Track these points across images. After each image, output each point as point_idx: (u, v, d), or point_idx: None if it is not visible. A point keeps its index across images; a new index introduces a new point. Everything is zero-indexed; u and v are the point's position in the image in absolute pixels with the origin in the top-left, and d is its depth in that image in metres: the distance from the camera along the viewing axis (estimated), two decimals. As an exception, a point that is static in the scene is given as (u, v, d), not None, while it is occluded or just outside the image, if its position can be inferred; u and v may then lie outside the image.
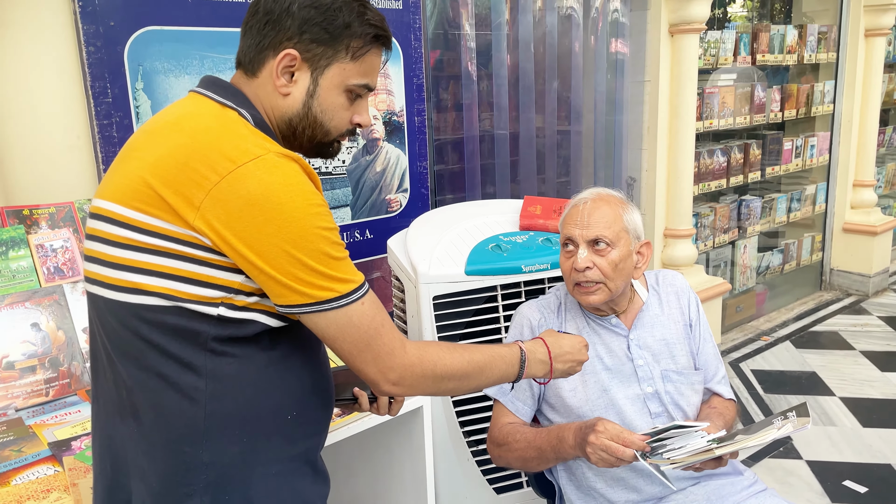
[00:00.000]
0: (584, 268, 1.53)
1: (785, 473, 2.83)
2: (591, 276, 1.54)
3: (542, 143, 3.19)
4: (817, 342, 4.13)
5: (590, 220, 1.55)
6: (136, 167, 0.98)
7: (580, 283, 1.56)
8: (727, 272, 4.27)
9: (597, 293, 1.55)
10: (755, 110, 4.06)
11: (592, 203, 1.58)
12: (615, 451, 1.37)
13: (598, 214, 1.56)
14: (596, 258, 1.54)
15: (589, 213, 1.56)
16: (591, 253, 1.54)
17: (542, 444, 1.52)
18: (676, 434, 1.40)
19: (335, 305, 0.98)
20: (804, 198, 4.65)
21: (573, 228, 1.57)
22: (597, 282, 1.54)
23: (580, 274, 1.54)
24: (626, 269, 1.57)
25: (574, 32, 3.16)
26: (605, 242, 1.54)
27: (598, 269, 1.53)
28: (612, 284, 1.55)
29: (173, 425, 0.99)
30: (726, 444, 1.37)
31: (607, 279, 1.54)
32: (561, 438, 1.48)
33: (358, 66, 1.09)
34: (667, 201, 3.61)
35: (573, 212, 1.60)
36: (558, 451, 1.50)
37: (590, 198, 1.60)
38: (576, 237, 1.56)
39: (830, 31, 4.51)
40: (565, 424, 1.52)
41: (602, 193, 1.62)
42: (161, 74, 1.91)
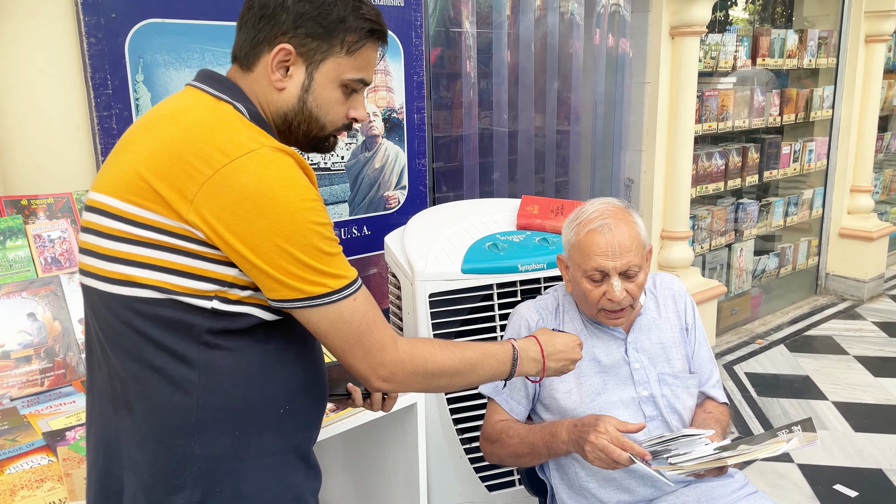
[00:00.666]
0: (621, 298, 1.53)
1: (776, 476, 2.84)
2: (624, 303, 1.54)
3: (542, 143, 3.19)
4: (811, 346, 4.14)
5: (619, 249, 1.51)
6: (131, 160, 0.99)
7: (610, 310, 1.56)
8: (723, 275, 4.28)
9: (625, 315, 1.57)
10: (754, 114, 4.07)
11: (615, 227, 1.53)
12: (611, 452, 1.37)
13: (625, 242, 1.52)
14: (628, 285, 1.54)
15: (618, 242, 1.51)
16: (623, 282, 1.53)
17: (534, 439, 1.53)
18: (680, 440, 1.41)
19: (326, 301, 0.98)
20: (801, 202, 4.66)
21: (604, 261, 1.51)
22: (626, 306, 1.55)
23: (614, 303, 1.53)
24: (644, 283, 1.59)
25: (575, 33, 3.16)
26: (636, 269, 1.54)
27: (629, 295, 1.54)
28: (636, 303, 1.58)
29: (166, 417, 1.00)
30: (736, 455, 1.37)
31: (634, 300, 1.56)
32: (554, 434, 1.49)
33: (353, 61, 1.09)
34: (664, 203, 3.62)
35: (599, 240, 1.52)
36: (550, 447, 1.51)
37: (610, 222, 1.53)
38: (608, 269, 1.52)
39: (831, 37, 4.51)
40: (559, 420, 1.53)
41: (616, 211, 1.56)
42: (161, 67, 1.91)
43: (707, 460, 1.37)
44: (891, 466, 2.88)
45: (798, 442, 1.36)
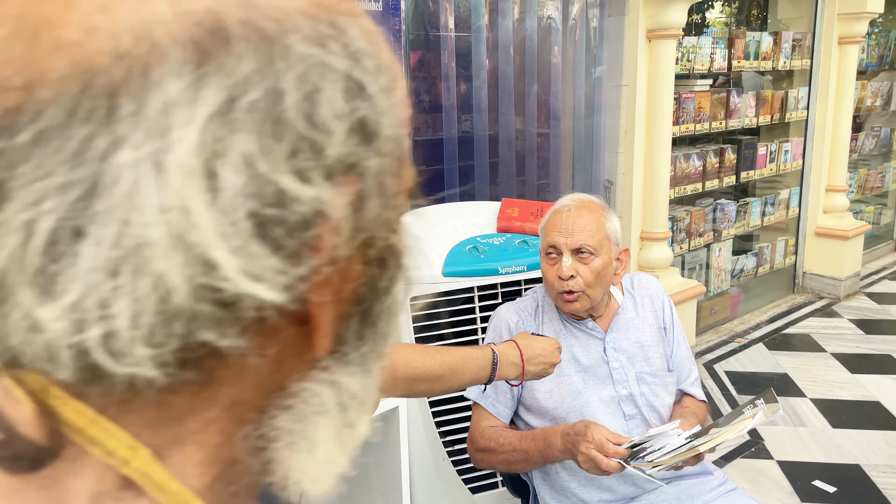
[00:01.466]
0: (569, 276, 1.55)
1: (756, 473, 2.87)
2: (573, 285, 1.55)
3: (522, 146, 3.21)
4: (789, 344, 4.20)
5: (574, 227, 1.56)
6: None
7: (563, 291, 1.57)
8: (702, 275, 4.32)
9: (578, 301, 1.57)
10: (730, 115, 4.12)
11: (576, 210, 1.59)
12: (599, 462, 1.38)
13: (581, 222, 1.57)
14: (579, 266, 1.55)
15: (573, 221, 1.57)
16: (574, 261, 1.55)
17: (528, 447, 1.53)
18: (653, 436, 1.42)
19: None
20: (778, 202, 4.73)
21: (557, 236, 1.57)
22: (578, 291, 1.56)
23: (564, 282, 1.55)
24: (606, 276, 1.59)
25: (553, 37, 3.19)
26: (589, 251, 1.55)
27: (581, 278, 1.55)
28: (592, 292, 1.57)
29: None
30: (706, 440, 1.39)
31: (588, 287, 1.56)
32: (549, 443, 1.49)
33: None
34: (643, 204, 3.65)
35: (556, 219, 1.60)
36: (546, 455, 1.51)
37: (573, 205, 1.60)
38: (560, 245, 1.57)
39: (805, 39, 4.58)
40: (552, 428, 1.52)
41: (584, 200, 1.63)
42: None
43: (682, 451, 1.40)
44: (868, 462, 2.92)
45: (763, 415, 1.39)
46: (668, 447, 1.40)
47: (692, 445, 1.39)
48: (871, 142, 5.70)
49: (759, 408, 1.41)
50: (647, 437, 1.42)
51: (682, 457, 1.40)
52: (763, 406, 1.41)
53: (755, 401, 1.43)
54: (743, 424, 1.40)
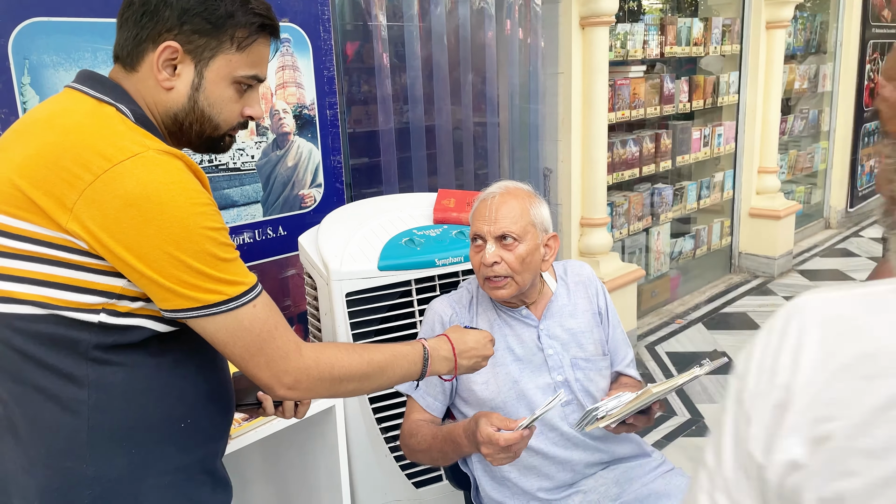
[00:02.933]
0: (492, 262, 1.54)
1: (697, 451, 2.94)
2: (498, 270, 1.55)
3: (460, 136, 3.20)
4: (727, 323, 4.31)
5: (497, 215, 1.56)
6: (3, 168, 0.93)
7: (489, 277, 1.57)
8: (642, 258, 4.40)
9: (505, 287, 1.57)
10: (665, 101, 4.19)
11: (500, 198, 1.59)
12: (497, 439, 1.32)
13: (505, 209, 1.57)
14: (503, 253, 1.55)
15: (497, 209, 1.57)
16: (498, 248, 1.56)
17: (441, 447, 1.52)
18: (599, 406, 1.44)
19: (224, 309, 0.95)
20: (713, 185, 4.84)
21: (481, 224, 1.58)
22: (505, 276, 1.56)
23: (488, 269, 1.56)
24: (533, 262, 1.58)
25: (487, 24, 3.17)
26: (513, 237, 1.55)
27: (506, 264, 1.55)
28: (520, 278, 1.57)
29: (53, 439, 0.94)
30: (657, 385, 1.41)
31: (515, 273, 1.56)
32: (457, 445, 1.47)
33: (245, 57, 1.05)
34: (582, 191, 3.68)
35: (481, 206, 1.60)
36: (461, 453, 1.50)
37: (497, 192, 1.61)
38: (484, 233, 1.57)
39: (734, 24, 4.69)
40: (455, 428, 1.49)
41: (510, 187, 1.63)
42: (50, 68, 1.81)
43: (633, 399, 1.41)
44: (802, 434, 3.02)
45: (709, 367, 1.44)
46: (618, 404, 1.42)
47: (644, 391, 1.41)
48: (800, 124, 5.88)
49: (705, 365, 1.45)
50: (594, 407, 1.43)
51: (633, 405, 1.41)
52: (709, 362, 1.45)
53: (702, 361, 1.46)
54: (691, 373, 1.43)
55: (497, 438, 1.32)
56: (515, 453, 1.35)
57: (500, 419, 1.37)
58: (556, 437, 1.60)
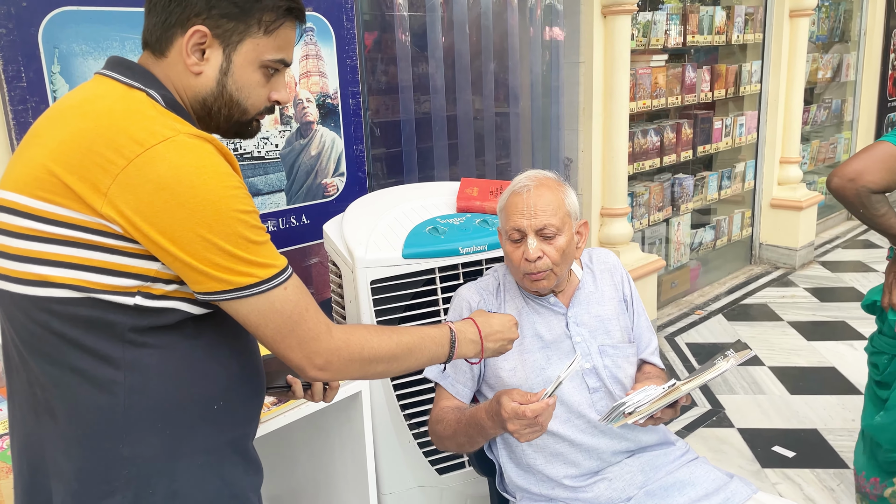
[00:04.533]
0: (536, 258, 1.54)
1: (718, 442, 2.93)
2: (541, 265, 1.54)
3: (480, 125, 3.19)
4: (748, 314, 4.28)
5: (536, 208, 1.54)
6: (38, 154, 0.94)
7: (530, 272, 1.56)
8: (662, 249, 4.38)
9: (546, 279, 1.57)
10: (686, 90, 4.15)
11: (535, 190, 1.57)
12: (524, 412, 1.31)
13: (542, 202, 1.55)
14: (545, 246, 1.54)
15: (534, 202, 1.55)
16: (539, 242, 1.55)
17: (466, 430, 1.52)
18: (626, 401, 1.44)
19: (256, 291, 0.96)
20: (734, 175, 4.80)
21: (520, 219, 1.55)
22: (546, 270, 1.56)
23: (531, 264, 1.54)
24: (570, 252, 1.59)
25: (509, 14, 3.16)
26: (553, 230, 1.54)
27: (548, 258, 1.54)
28: (559, 269, 1.57)
29: (90, 421, 0.96)
30: (687, 381, 1.41)
31: (555, 265, 1.56)
32: (480, 426, 1.47)
33: (272, 41, 1.06)
34: (602, 181, 3.67)
35: (516, 200, 1.58)
36: (486, 436, 1.50)
37: (531, 184, 1.58)
38: (524, 227, 1.55)
39: (757, 12, 4.63)
40: (476, 409, 1.50)
41: (541, 177, 1.61)
42: (79, 57, 1.83)
43: (661, 396, 1.41)
44: (825, 426, 3.01)
45: (735, 360, 1.42)
46: (645, 399, 1.41)
47: (671, 387, 1.40)
48: (822, 113, 5.81)
49: (729, 356, 1.43)
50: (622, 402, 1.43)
51: (661, 402, 1.41)
52: (734, 354, 1.44)
53: (726, 352, 1.45)
54: (718, 368, 1.41)
55: (523, 411, 1.32)
56: (542, 426, 1.34)
57: (521, 394, 1.37)
58: (584, 425, 1.61)
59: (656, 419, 1.51)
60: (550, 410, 1.34)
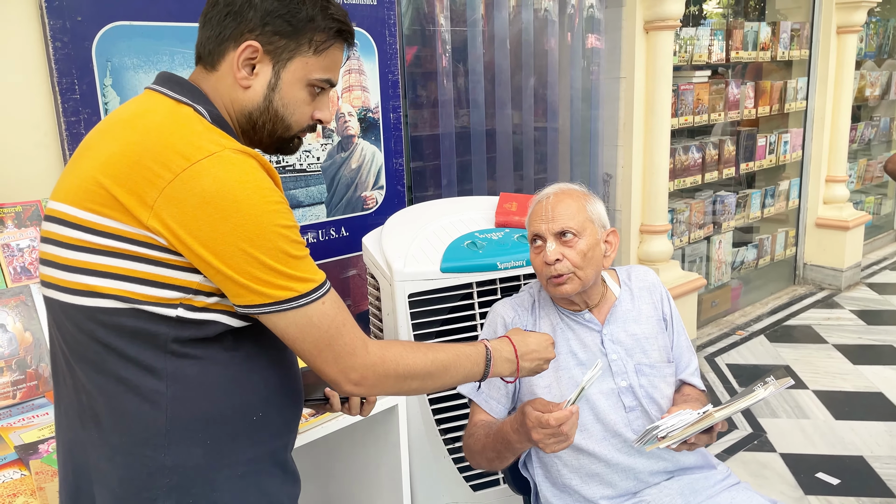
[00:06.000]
0: (555, 260, 1.54)
1: (759, 466, 2.86)
2: (561, 268, 1.54)
3: (519, 140, 3.19)
4: (791, 336, 4.18)
5: (554, 213, 1.57)
6: (88, 167, 0.96)
7: (552, 276, 1.56)
8: (702, 267, 4.31)
9: (569, 283, 1.56)
10: (730, 107, 4.09)
11: (555, 197, 1.60)
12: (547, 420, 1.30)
13: (561, 207, 1.58)
14: (564, 249, 1.55)
15: (553, 207, 1.58)
16: (559, 245, 1.56)
17: (494, 445, 1.51)
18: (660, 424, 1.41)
19: (294, 305, 0.97)
20: (778, 193, 4.71)
21: (539, 224, 1.59)
22: (567, 273, 1.55)
23: (551, 267, 1.55)
24: (595, 257, 1.58)
25: (550, 29, 3.16)
26: (572, 233, 1.55)
27: (568, 260, 1.55)
28: (583, 273, 1.56)
29: (134, 429, 0.97)
30: (722, 408, 1.38)
31: (577, 269, 1.55)
32: (506, 440, 1.46)
33: (320, 61, 1.08)
34: (643, 197, 3.63)
35: (537, 208, 1.61)
36: (515, 451, 1.49)
37: (552, 192, 1.63)
38: (542, 231, 1.57)
39: (803, 28, 4.56)
40: (503, 423, 1.49)
41: (564, 188, 1.64)
42: (130, 70, 1.88)
43: (695, 421, 1.38)
44: (872, 453, 2.91)
45: (774, 388, 1.39)
46: (679, 423, 1.39)
47: (706, 414, 1.37)
48: (870, 131, 5.68)
49: (769, 384, 1.40)
50: (655, 425, 1.41)
51: (695, 428, 1.38)
52: (773, 381, 1.40)
53: (766, 379, 1.42)
54: (755, 395, 1.38)
55: (547, 419, 1.30)
56: (567, 436, 1.32)
57: (544, 403, 1.36)
58: (620, 444, 1.58)
59: (690, 444, 1.47)
60: (575, 419, 1.32)
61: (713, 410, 1.38)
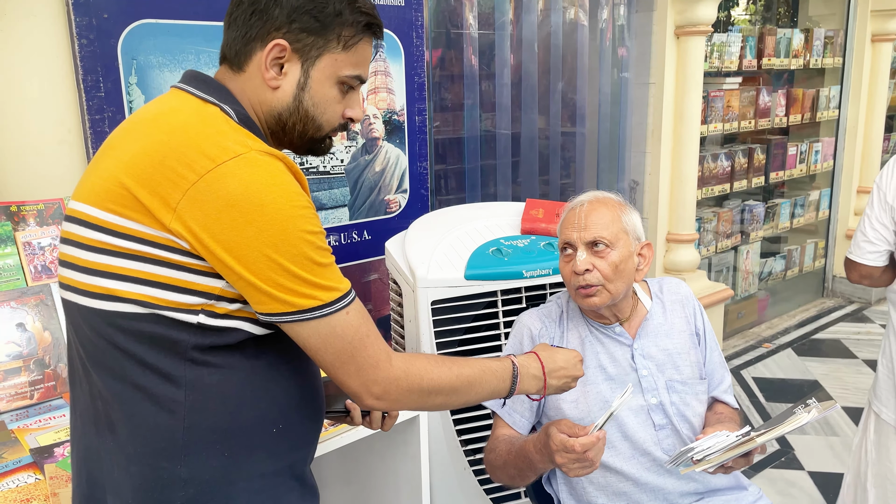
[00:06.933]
0: (584, 270, 1.49)
1: (787, 485, 2.78)
2: (590, 279, 1.49)
3: (545, 145, 3.14)
4: (819, 350, 4.08)
5: (587, 222, 1.51)
6: (111, 166, 0.93)
7: (581, 286, 1.51)
8: (729, 278, 4.22)
9: (598, 295, 1.50)
10: (760, 114, 4.02)
11: (589, 205, 1.54)
12: (573, 445, 1.25)
13: (595, 216, 1.52)
14: (595, 260, 1.49)
15: (586, 216, 1.52)
16: (590, 255, 1.50)
17: (515, 462, 1.47)
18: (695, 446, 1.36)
19: (318, 314, 0.93)
20: (808, 203, 4.61)
21: (571, 232, 1.53)
22: (597, 284, 1.50)
23: (580, 277, 1.50)
24: (627, 270, 1.52)
25: (579, 33, 3.11)
26: (604, 244, 1.49)
27: (599, 272, 1.49)
28: (613, 287, 1.50)
29: (150, 438, 0.94)
30: (763, 432, 1.32)
31: (608, 281, 1.49)
32: (528, 459, 1.41)
33: (350, 57, 1.04)
34: (670, 205, 3.56)
35: (570, 215, 1.56)
36: (536, 470, 1.44)
37: (587, 200, 1.56)
38: (574, 240, 1.52)
39: (837, 36, 4.46)
40: (526, 441, 1.44)
41: (599, 196, 1.58)
42: (155, 69, 1.86)
43: (734, 445, 1.32)
44: (904, 474, 2.82)
45: (818, 412, 1.32)
46: (716, 446, 1.33)
47: (748, 438, 1.32)
48: (904, 142, 5.55)
49: (811, 406, 1.33)
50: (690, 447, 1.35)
51: (734, 452, 1.33)
52: (816, 404, 1.33)
53: (808, 401, 1.35)
54: (798, 420, 1.32)
55: (572, 444, 1.25)
56: (592, 462, 1.27)
57: (570, 425, 1.31)
58: (649, 463, 1.53)
59: (727, 468, 1.42)
60: (601, 445, 1.27)
61: (755, 434, 1.32)
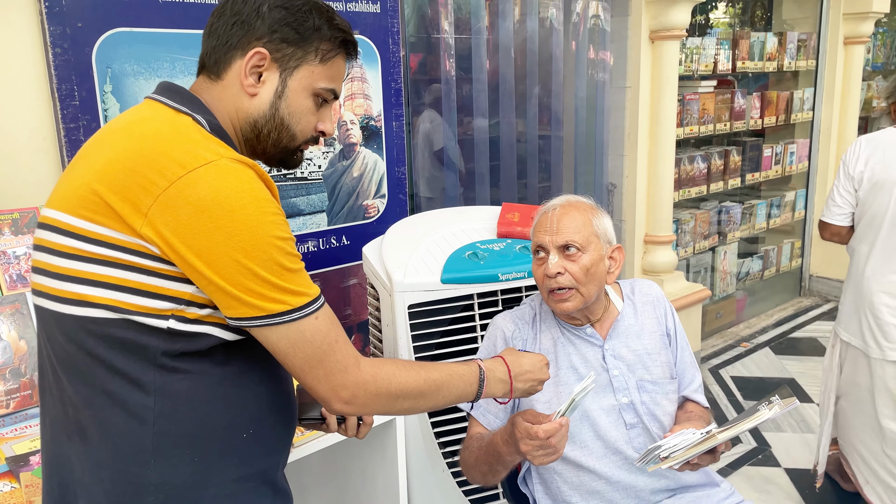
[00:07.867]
0: (556, 273, 1.51)
1: (763, 481, 2.82)
2: (563, 281, 1.52)
3: (523, 149, 3.17)
4: (796, 348, 4.14)
5: (559, 226, 1.54)
6: (84, 174, 0.95)
7: (553, 289, 1.54)
8: (707, 278, 4.27)
9: (570, 300, 1.53)
10: (735, 117, 4.07)
11: (562, 209, 1.57)
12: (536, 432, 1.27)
13: (567, 220, 1.55)
14: (567, 264, 1.52)
15: (558, 220, 1.55)
16: (562, 259, 1.53)
17: (486, 458, 1.49)
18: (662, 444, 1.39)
19: (287, 319, 0.94)
20: (784, 204, 4.67)
21: (543, 235, 1.56)
22: (569, 288, 1.52)
23: (552, 280, 1.52)
24: (598, 273, 1.55)
25: (554, 38, 3.15)
26: (576, 247, 1.52)
27: (570, 275, 1.52)
28: (585, 290, 1.53)
29: (119, 445, 0.95)
30: (725, 429, 1.35)
31: (580, 284, 1.52)
32: (497, 452, 1.44)
33: (326, 70, 1.08)
34: (647, 207, 3.61)
35: (542, 219, 1.58)
36: (506, 464, 1.46)
37: (559, 204, 1.59)
38: (546, 244, 1.54)
39: (810, 39, 4.53)
40: (493, 435, 1.47)
41: (571, 200, 1.61)
42: (131, 77, 1.87)
43: (697, 442, 1.36)
44: (877, 469, 2.86)
45: (779, 408, 1.36)
46: (682, 444, 1.36)
47: (709, 435, 1.35)
48: (877, 143, 5.63)
49: (773, 403, 1.37)
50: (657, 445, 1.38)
51: (698, 449, 1.36)
52: (778, 401, 1.37)
53: (770, 398, 1.39)
54: (760, 416, 1.35)
55: (536, 431, 1.28)
56: (556, 448, 1.30)
57: (534, 414, 1.34)
58: (620, 461, 1.55)
59: (693, 465, 1.45)
60: (564, 431, 1.29)
61: (716, 431, 1.35)
